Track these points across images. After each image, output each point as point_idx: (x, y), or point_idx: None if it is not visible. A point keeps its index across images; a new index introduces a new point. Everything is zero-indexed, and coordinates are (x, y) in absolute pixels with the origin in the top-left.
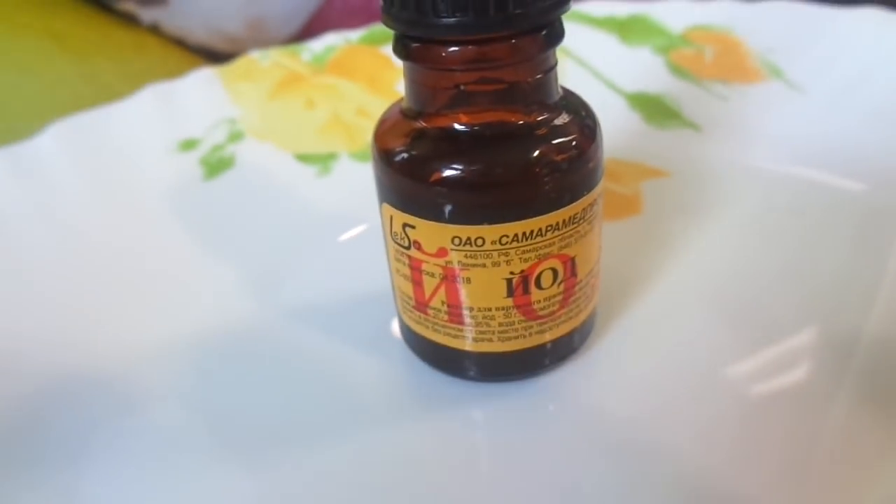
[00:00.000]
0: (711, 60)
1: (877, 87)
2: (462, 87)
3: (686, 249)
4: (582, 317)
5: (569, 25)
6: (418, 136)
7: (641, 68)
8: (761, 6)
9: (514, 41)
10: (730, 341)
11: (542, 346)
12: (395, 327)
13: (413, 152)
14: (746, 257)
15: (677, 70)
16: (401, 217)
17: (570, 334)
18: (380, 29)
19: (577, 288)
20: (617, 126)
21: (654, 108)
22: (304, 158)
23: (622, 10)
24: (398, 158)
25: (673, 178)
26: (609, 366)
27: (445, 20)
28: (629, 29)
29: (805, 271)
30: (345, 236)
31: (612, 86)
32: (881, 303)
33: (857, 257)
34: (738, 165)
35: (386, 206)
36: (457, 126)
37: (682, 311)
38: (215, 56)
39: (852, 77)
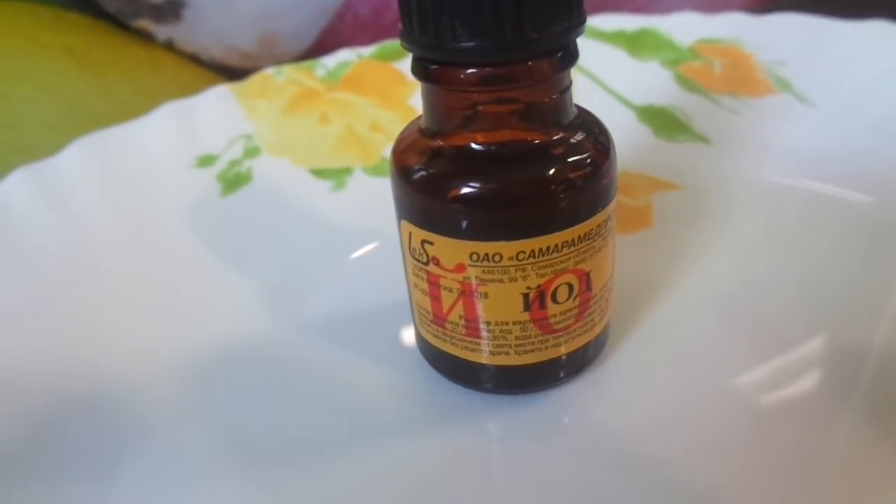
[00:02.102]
0: (720, 74)
1: (885, 100)
2: (479, 108)
3: (697, 262)
4: (596, 330)
5: (579, 40)
6: (436, 154)
7: (651, 82)
8: (769, 19)
9: (530, 63)
10: (741, 353)
11: (557, 360)
12: (410, 340)
13: (431, 170)
14: (757, 270)
15: (686, 83)
16: (420, 233)
17: (585, 347)
18: (391, 45)
19: (591, 302)
20: (627, 139)
21: (663, 122)
22: (319, 173)
23: (631, 25)
24: (416, 176)
25: (683, 190)
26: (623, 378)
27: (464, 44)
28: (638, 43)
29: (815, 284)
30: (360, 252)
31: (622, 99)
32: (890, 315)
33: (867, 270)
34: (748, 178)
35: (405, 222)
36: (474, 145)
37: (693, 324)
38: (229, 71)
39: (861, 90)
